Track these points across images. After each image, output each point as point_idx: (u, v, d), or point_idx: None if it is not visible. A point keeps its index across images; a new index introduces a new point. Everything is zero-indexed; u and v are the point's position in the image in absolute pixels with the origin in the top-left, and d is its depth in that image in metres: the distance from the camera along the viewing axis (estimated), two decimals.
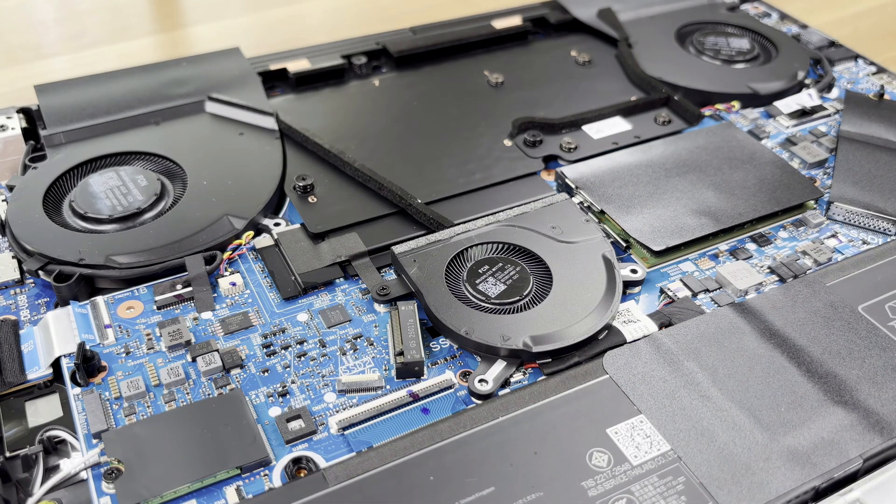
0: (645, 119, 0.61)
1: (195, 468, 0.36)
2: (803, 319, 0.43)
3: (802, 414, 0.38)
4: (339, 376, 0.41)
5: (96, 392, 0.39)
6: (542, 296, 0.44)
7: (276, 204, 0.52)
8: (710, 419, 0.38)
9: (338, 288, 0.47)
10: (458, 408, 0.40)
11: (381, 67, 0.68)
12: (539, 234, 0.48)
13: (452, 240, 0.48)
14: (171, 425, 0.37)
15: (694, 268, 0.49)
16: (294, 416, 0.39)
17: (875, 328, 0.43)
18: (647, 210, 0.51)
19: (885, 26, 0.87)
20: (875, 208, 0.51)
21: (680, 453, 0.36)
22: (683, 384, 0.40)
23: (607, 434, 0.37)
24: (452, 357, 0.43)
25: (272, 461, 0.37)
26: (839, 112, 0.63)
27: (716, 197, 0.52)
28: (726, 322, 0.43)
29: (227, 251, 0.48)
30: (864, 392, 0.39)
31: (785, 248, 0.50)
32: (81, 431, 0.38)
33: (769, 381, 0.40)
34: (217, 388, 0.40)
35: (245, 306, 0.45)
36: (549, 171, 0.56)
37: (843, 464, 0.36)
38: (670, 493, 0.35)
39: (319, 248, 0.48)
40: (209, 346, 0.42)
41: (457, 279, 0.46)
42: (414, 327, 0.42)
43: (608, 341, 0.42)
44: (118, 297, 0.45)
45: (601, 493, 0.35)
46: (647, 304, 0.47)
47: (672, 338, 0.42)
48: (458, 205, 0.53)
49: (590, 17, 0.73)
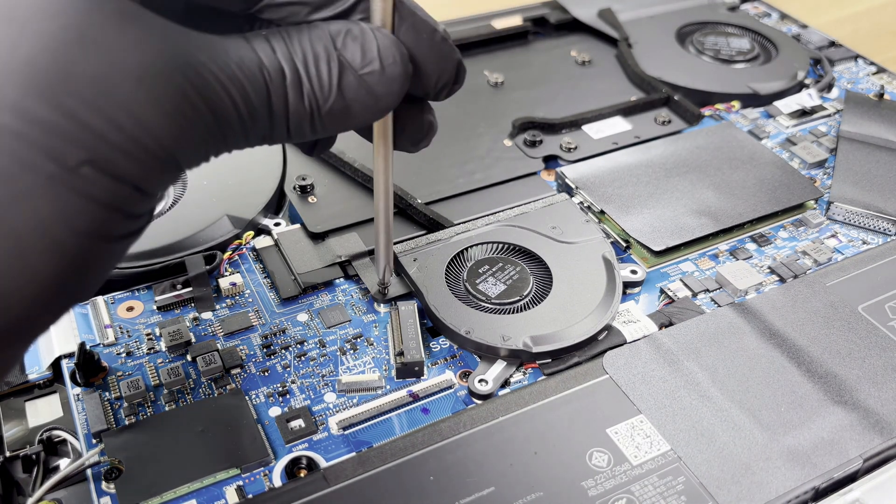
0: (645, 119, 0.61)
1: (195, 468, 0.36)
2: (803, 319, 0.43)
3: (802, 414, 0.38)
4: (339, 376, 0.41)
5: (96, 392, 0.39)
6: (542, 296, 0.44)
7: (276, 204, 0.52)
8: (710, 419, 0.38)
9: (338, 288, 0.47)
10: (458, 408, 0.40)
11: None
12: (539, 235, 0.48)
13: (452, 240, 0.48)
14: (171, 425, 0.37)
15: (694, 268, 0.49)
16: (294, 416, 0.39)
17: (875, 328, 0.43)
18: (647, 210, 0.51)
19: (885, 26, 0.87)
20: (875, 208, 0.51)
21: (680, 453, 0.36)
22: (683, 384, 0.40)
23: (607, 434, 0.37)
24: (452, 357, 0.43)
25: (272, 461, 0.37)
26: (839, 112, 0.63)
27: (716, 197, 0.52)
28: (726, 322, 0.43)
29: (227, 251, 0.48)
30: (864, 392, 0.39)
31: (785, 248, 0.50)
32: (81, 431, 0.38)
33: (769, 381, 0.40)
34: (217, 388, 0.40)
35: (245, 306, 0.45)
36: (549, 171, 0.56)
37: (843, 464, 0.36)
38: (670, 493, 0.35)
39: (319, 248, 0.48)
40: (209, 346, 0.42)
41: (457, 279, 0.46)
42: (414, 327, 0.42)
43: (608, 341, 0.42)
44: (118, 297, 0.45)
45: (601, 493, 0.35)
46: (647, 304, 0.47)
47: (672, 338, 0.42)
48: (458, 205, 0.53)
49: (590, 17, 0.73)
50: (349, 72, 0.27)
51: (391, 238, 0.42)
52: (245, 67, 0.25)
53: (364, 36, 0.28)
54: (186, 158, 0.24)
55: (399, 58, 0.28)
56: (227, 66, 0.24)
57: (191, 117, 0.24)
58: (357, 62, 0.27)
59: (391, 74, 0.28)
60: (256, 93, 0.25)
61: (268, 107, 0.26)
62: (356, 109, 0.28)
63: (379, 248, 0.42)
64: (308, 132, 0.28)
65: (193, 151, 0.24)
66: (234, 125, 0.25)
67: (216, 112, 0.24)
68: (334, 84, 0.27)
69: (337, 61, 0.27)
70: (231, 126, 0.25)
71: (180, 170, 0.24)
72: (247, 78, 0.25)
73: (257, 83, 0.25)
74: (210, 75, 0.24)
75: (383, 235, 0.41)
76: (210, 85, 0.24)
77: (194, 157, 0.25)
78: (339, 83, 0.27)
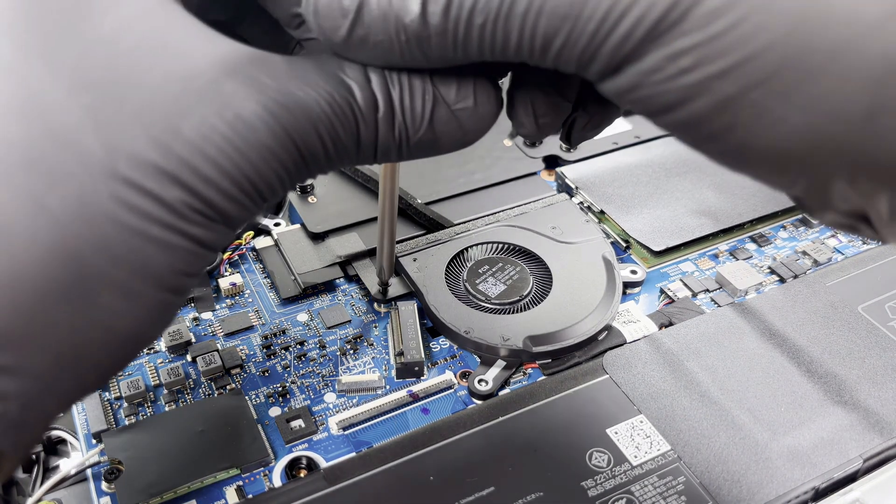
0: (645, 119, 0.61)
1: (195, 468, 0.36)
2: (803, 319, 0.43)
3: (802, 414, 0.38)
4: (339, 377, 0.41)
5: (96, 392, 0.39)
6: (542, 296, 0.44)
7: (276, 204, 0.52)
8: (710, 419, 0.38)
9: (338, 288, 0.47)
10: (458, 408, 0.40)
11: None
12: (539, 235, 0.48)
13: (452, 240, 0.48)
14: (171, 425, 0.37)
15: (694, 268, 0.49)
16: (294, 416, 0.39)
17: (875, 328, 0.43)
18: (647, 210, 0.51)
19: None
20: None
21: (680, 453, 0.36)
22: (683, 384, 0.40)
23: (607, 434, 0.37)
24: (452, 357, 0.43)
25: (272, 461, 0.37)
26: None
27: (716, 197, 0.52)
28: (726, 322, 0.43)
29: (227, 251, 0.48)
30: (864, 392, 0.39)
31: (785, 248, 0.50)
32: (81, 431, 0.38)
33: (769, 381, 0.40)
34: (217, 388, 0.40)
35: (245, 306, 0.45)
36: (549, 171, 0.56)
37: (843, 464, 0.36)
38: (670, 493, 0.35)
39: (319, 248, 0.48)
40: (209, 346, 0.42)
41: (457, 279, 0.46)
42: (414, 327, 0.42)
43: (608, 341, 0.42)
44: None
45: (601, 493, 0.35)
46: (647, 304, 0.47)
47: (672, 338, 0.42)
48: (458, 205, 0.53)
49: None
50: (442, 106, 0.27)
51: (394, 238, 0.42)
52: (336, 104, 0.24)
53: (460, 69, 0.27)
54: (273, 194, 0.24)
55: (493, 96, 0.28)
56: (319, 102, 0.24)
57: (282, 158, 0.24)
58: (451, 97, 0.27)
59: (483, 112, 0.28)
60: (346, 129, 0.25)
61: (356, 139, 0.25)
62: (444, 142, 0.27)
63: (381, 248, 0.42)
64: (394, 159, 0.27)
65: (280, 187, 0.25)
66: (320, 160, 0.25)
67: (304, 151, 0.24)
68: (427, 117, 0.26)
69: (432, 94, 0.26)
70: (317, 161, 0.25)
71: (264, 202, 0.25)
72: (337, 116, 0.25)
73: (347, 120, 0.25)
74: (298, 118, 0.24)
75: (387, 235, 0.41)
76: (301, 126, 0.24)
77: (281, 191, 0.25)
78: (431, 117, 0.26)
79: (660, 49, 0.21)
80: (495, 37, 0.23)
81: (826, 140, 0.20)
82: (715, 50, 0.20)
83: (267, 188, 0.24)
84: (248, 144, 0.23)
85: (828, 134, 0.20)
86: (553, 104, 0.29)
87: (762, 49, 0.20)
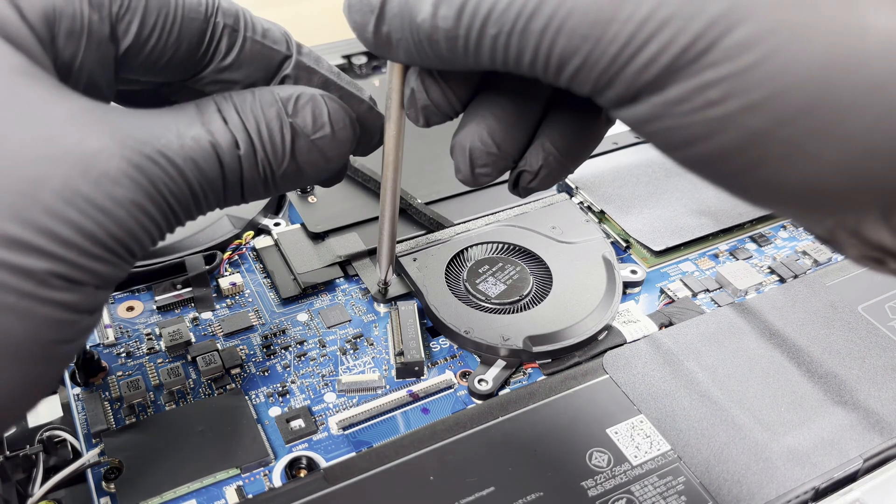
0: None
1: (195, 468, 0.36)
2: (803, 319, 0.43)
3: (802, 414, 0.38)
4: (340, 376, 0.41)
5: (96, 392, 0.39)
6: (542, 296, 0.44)
7: (276, 204, 0.52)
8: (710, 419, 0.38)
9: (338, 288, 0.47)
10: (458, 408, 0.40)
11: (382, 67, 0.68)
12: (539, 234, 0.48)
13: (452, 240, 0.48)
14: (171, 425, 0.37)
15: (694, 268, 0.49)
16: (294, 416, 0.39)
17: (875, 328, 0.43)
18: (647, 210, 0.51)
19: None
20: None
21: (680, 453, 0.36)
22: (683, 384, 0.40)
23: (607, 434, 0.37)
24: (452, 357, 0.43)
25: (272, 461, 0.37)
26: None
27: (716, 197, 0.52)
28: (726, 322, 0.43)
29: (227, 251, 0.48)
30: (864, 392, 0.39)
31: (785, 248, 0.50)
32: (81, 431, 0.38)
33: (769, 381, 0.40)
34: (217, 388, 0.40)
35: (245, 306, 0.45)
36: None
37: (843, 464, 0.36)
38: (670, 493, 0.35)
39: (319, 248, 0.48)
40: (209, 346, 0.42)
41: (457, 279, 0.46)
42: (414, 327, 0.42)
43: (608, 341, 0.42)
44: (118, 297, 0.45)
45: (601, 493, 0.35)
46: (647, 304, 0.47)
47: (672, 338, 0.42)
48: (458, 205, 0.53)
49: None
50: (301, 137, 0.28)
51: (395, 237, 0.41)
52: (198, 152, 0.25)
53: (314, 101, 0.28)
54: (143, 248, 0.25)
55: (349, 122, 0.29)
56: (179, 153, 0.25)
57: (149, 211, 0.24)
58: (309, 128, 0.28)
59: (341, 138, 0.29)
60: (210, 171, 0.26)
61: (221, 179, 0.26)
62: (308, 171, 0.29)
63: (381, 248, 0.42)
64: (262, 195, 0.28)
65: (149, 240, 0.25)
66: (189, 206, 0.26)
67: (171, 200, 0.25)
68: (287, 150, 0.27)
69: (290, 127, 0.27)
70: (186, 208, 0.26)
71: (136, 258, 0.25)
72: (200, 162, 0.25)
73: (210, 163, 0.26)
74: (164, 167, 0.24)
75: (388, 234, 0.41)
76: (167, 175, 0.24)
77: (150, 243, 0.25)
78: (291, 149, 0.27)
79: (687, 80, 0.20)
80: (509, 50, 0.23)
81: (863, 176, 0.19)
82: (745, 83, 0.19)
83: (136, 243, 0.24)
84: (115, 202, 0.22)
85: (865, 170, 0.19)
86: (492, 156, 0.29)
87: (795, 84, 0.19)
